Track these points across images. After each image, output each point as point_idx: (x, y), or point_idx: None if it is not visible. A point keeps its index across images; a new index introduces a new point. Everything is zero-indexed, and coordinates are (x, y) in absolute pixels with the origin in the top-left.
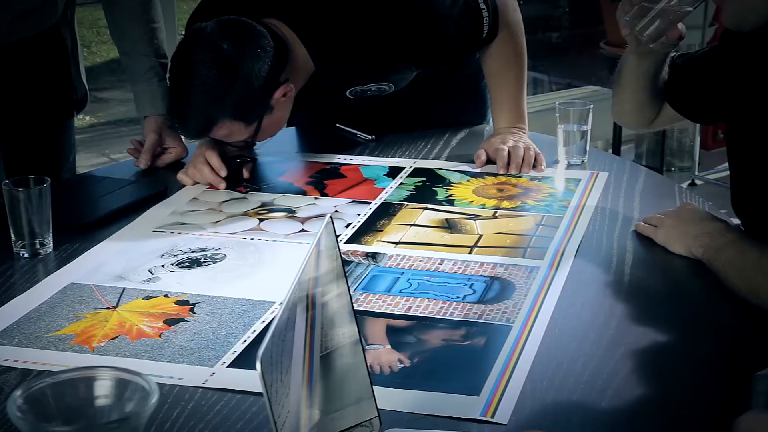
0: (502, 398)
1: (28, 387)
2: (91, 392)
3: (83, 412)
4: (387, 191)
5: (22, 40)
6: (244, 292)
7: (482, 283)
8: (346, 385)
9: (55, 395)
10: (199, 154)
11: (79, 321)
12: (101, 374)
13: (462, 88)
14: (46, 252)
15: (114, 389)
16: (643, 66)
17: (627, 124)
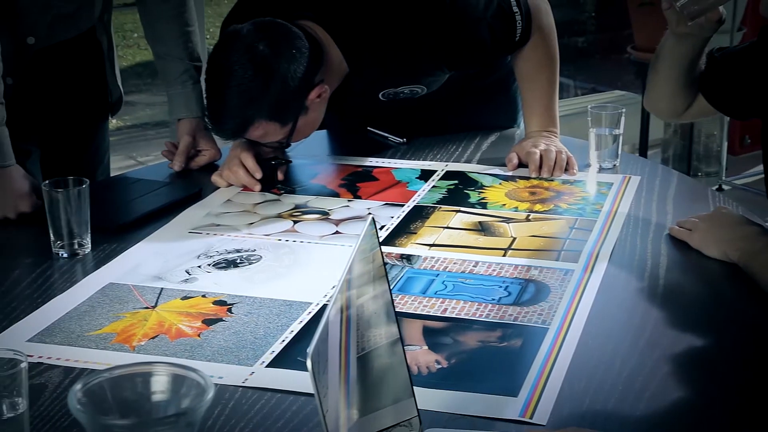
0: (541, 399)
1: (87, 381)
2: (147, 387)
3: (140, 407)
4: (419, 194)
5: (60, 44)
6: (280, 293)
7: (517, 285)
8: (383, 386)
9: (113, 389)
10: (234, 156)
11: (119, 320)
12: (158, 370)
13: (493, 92)
14: (84, 252)
15: (170, 385)
16: (681, 49)
17: (658, 113)
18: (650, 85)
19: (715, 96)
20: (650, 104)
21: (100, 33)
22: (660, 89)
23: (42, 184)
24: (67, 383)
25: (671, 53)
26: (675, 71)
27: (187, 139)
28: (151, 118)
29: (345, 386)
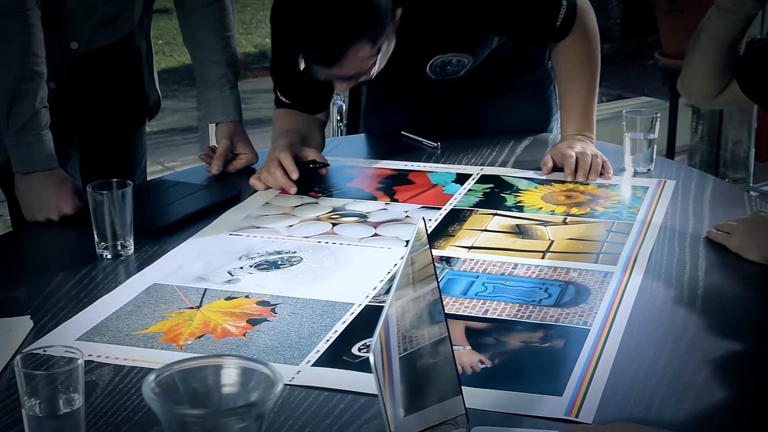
0: (585, 398)
1: (160, 372)
2: (217, 380)
3: (209, 399)
4: (456, 197)
5: (100, 49)
6: (322, 294)
7: (557, 287)
8: (429, 384)
9: (184, 381)
10: (273, 158)
11: (165, 320)
12: (227, 363)
13: (528, 94)
14: (127, 253)
15: (239, 378)
16: (723, 26)
17: (690, 95)
18: (686, 64)
19: (749, 85)
20: (683, 85)
21: (138, 38)
22: (696, 68)
23: (87, 186)
24: (117, 381)
25: (712, 30)
26: (713, 50)
27: (225, 142)
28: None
29: (389, 386)
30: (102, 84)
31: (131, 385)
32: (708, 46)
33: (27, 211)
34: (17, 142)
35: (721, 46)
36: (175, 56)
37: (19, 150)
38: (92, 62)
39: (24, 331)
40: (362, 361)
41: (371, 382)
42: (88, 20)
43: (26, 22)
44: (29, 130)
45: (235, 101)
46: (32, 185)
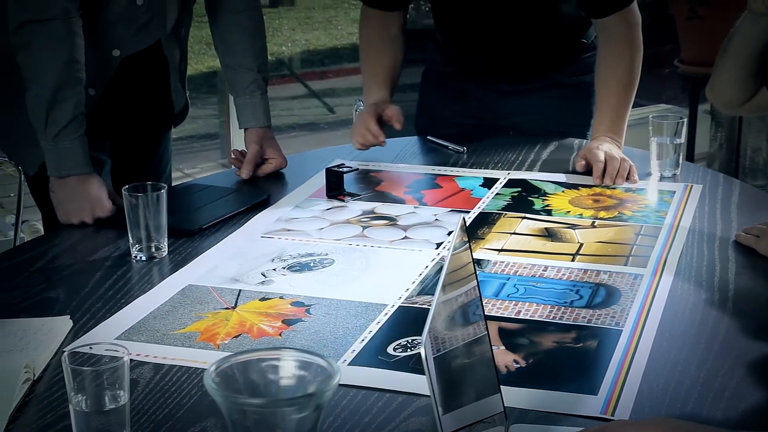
0: (620, 397)
1: (220, 364)
2: (276, 371)
3: (267, 390)
4: (484, 201)
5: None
6: (355, 295)
7: (588, 288)
8: (466, 383)
9: (243, 372)
10: (362, 123)
11: (201, 320)
12: (285, 355)
13: (573, 95)
14: (161, 255)
15: (297, 369)
16: (755, 31)
17: (717, 100)
18: (716, 70)
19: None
20: (712, 90)
21: (168, 45)
22: (725, 73)
23: (122, 189)
24: (158, 379)
25: (745, 34)
26: (744, 55)
27: (255, 147)
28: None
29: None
30: (131, 91)
31: (171, 383)
32: (739, 51)
33: (62, 215)
34: (53, 147)
35: (753, 51)
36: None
37: (55, 155)
38: (127, 68)
39: (64, 330)
40: (398, 361)
41: (407, 381)
42: (130, 27)
43: (69, 29)
44: (66, 136)
45: (264, 107)
46: (67, 189)
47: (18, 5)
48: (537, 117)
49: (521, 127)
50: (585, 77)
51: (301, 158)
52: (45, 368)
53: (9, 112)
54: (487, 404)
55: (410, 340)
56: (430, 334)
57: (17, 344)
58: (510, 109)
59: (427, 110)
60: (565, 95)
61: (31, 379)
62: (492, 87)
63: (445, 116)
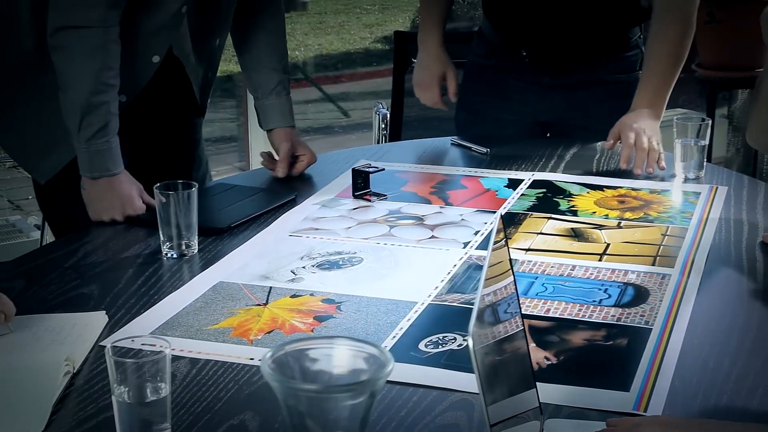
0: (653, 394)
1: (275, 352)
2: (329, 359)
3: (321, 377)
4: (509, 201)
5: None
6: (385, 293)
7: (616, 288)
8: (503, 378)
9: (297, 360)
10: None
11: (234, 316)
12: (338, 343)
13: (615, 93)
14: (191, 253)
15: (350, 358)
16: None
17: (759, 146)
18: (750, 115)
19: None
20: (750, 136)
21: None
22: (759, 120)
23: (154, 187)
24: (194, 373)
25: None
26: None
27: (287, 145)
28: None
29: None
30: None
31: (208, 377)
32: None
33: (93, 212)
34: (86, 149)
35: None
36: None
37: (88, 156)
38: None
39: (100, 325)
40: (429, 357)
41: (440, 377)
42: (172, 35)
43: (106, 37)
44: (98, 138)
45: (290, 107)
46: (99, 188)
47: (57, 10)
48: (577, 115)
49: (560, 124)
50: (627, 76)
51: (327, 158)
52: (83, 362)
53: (22, 122)
54: (522, 399)
55: (441, 336)
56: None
57: (56, 338)
58: (550, 105)
59: (466, 104)
60: (605, 94)
61: (71, 372)
62: (533, 80)
63: (485, 111)
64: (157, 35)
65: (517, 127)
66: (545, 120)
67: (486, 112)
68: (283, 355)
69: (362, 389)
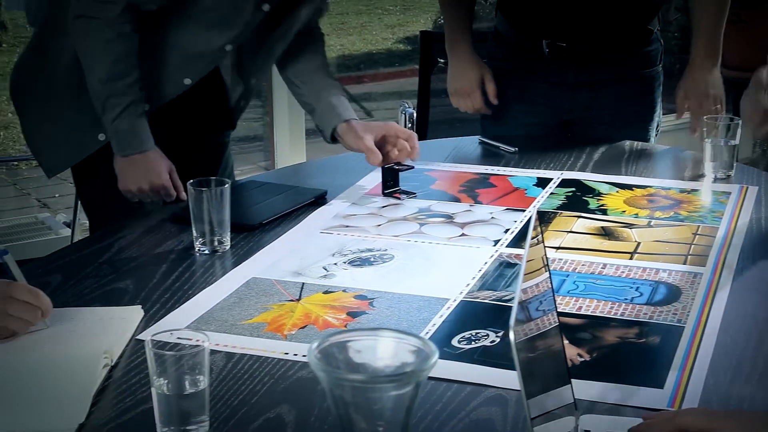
0: (687, 391)
1: (321, 343)
2: (374, 351)
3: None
4: (539, 200)
5: None
6: (417, 290)
7: (648, 286)
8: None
9: (341, 351)
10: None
11: (268, 311)
12: (382, 335)
13: (635, 91)
14: (223, 249)
15: (394, 349)
16: None
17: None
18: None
19: None
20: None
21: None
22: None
23: (187, 183)
24: (230, 366)
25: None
26: None
27: (370, 135)
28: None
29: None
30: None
31: (244, 371)
32: None
33: (121, 183)
34: (113, 129)
35: None
36: None
37: (116, 136)
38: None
39: (137, 319)
40: (463, 353)
41: (474, 373)
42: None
43: (119, 30)
44: (124, 119)
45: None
46: (128, 162)
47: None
48: (600, 113)
49: (582, 122)
50: (648, 71)
51: (355, 157)
52: (121, 355)
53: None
54: (558, 395)
55: (474, 333)
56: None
57: (94, 331)
58: (572, 104)
59: (489, 107)
60: (627, 90)
61: (109, 365)
62: (553, 79)
63: (507, 112)
64: (194, 62)
65: (541, 126)
66: (567, 118)
67: (509, 114)
68: (329, 346)
69: (407, 379)
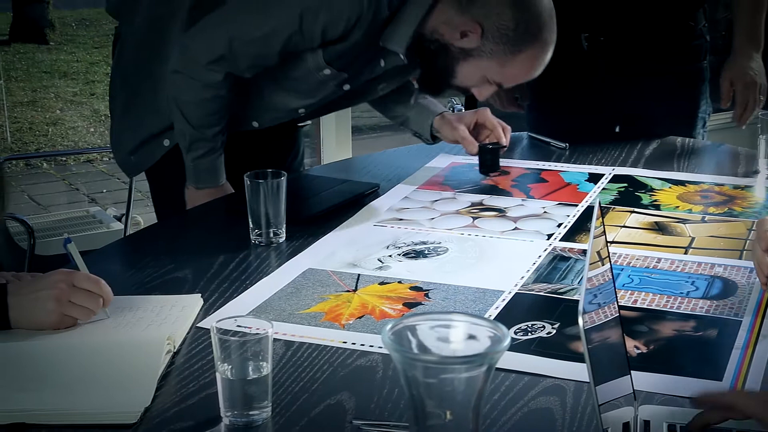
0: (745, 383)
1: (394, 325)
2: (446, 333)
3: (438, 350)
4: (591, 195)
5: None
6: (472, 282)
7: (704, 280)
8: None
9: (413, 334)
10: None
11: (325, 301)
12: (454, 318)
13: (680, 84)
14: (279, 241)
15: (467, 332)
16: None
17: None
18: None
19: None
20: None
21: None
22: None
23: (244, 176)
24: (290, 354)
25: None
26: None
27: (463, 123)
28: None
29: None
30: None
31: (303, 359)
32: None
33: (189, 206)
34: (193, 166)
35: None
36: None
37: (194, 171)
38: None
39: (196, 307)
40: (519, 344)
41: (531, 363)
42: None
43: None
44: (203, 158)
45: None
46: (199, 194)
47: (183, 56)
48: (640, 108)
49: (625, 117)
50: (690, 67)
51: (404, 152)
52: (182, 342)
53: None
54: (617, 385)
55: (530, 324)
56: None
57: (155, 319)
58: (612, 98)
59: (534, 105)
60: (668, 85)
61: (172, 351)
62: (595, 75)
63: (553, 109)
64: (267, 112)
65: (588, 122)
66: (614, 114)
67: (554, 111)
68: (402, 329)
69: (480, 361)
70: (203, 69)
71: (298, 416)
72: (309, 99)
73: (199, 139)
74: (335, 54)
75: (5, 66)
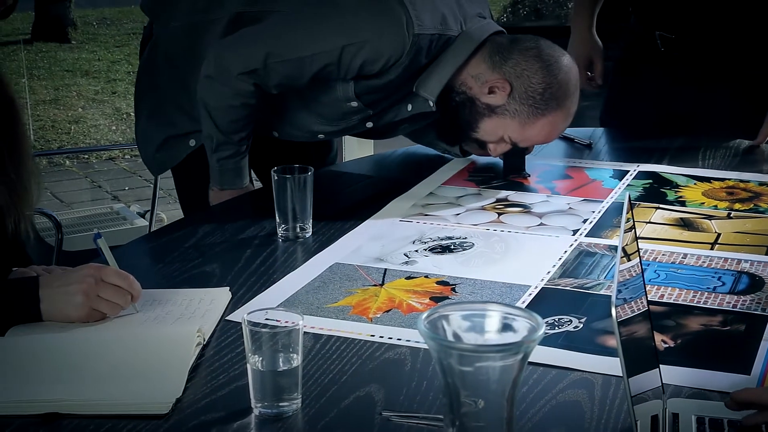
0: None
1: (430, 314)
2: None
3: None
4: (616, 191)
5: None
6: (498, 276)
7: (730, 276)
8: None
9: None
10: None
11: (352, 295)
12: (489, 307)
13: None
14: (305, 236)
15: (502, 322)
16: None
17: None
18: None
19: None
20: None
21: None
22: None
23: (271, 171)
24: (318, 347)
25: None
26: None
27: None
28: None
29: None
30: None
31: (332, 352)
32: None
33: (212, 203)
34: (218, 167)
35: None
36: None
37: (219, 172)
38: None
39: (225, 300)
40: (547, 338)
41: (558, 357)
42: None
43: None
44: (228, 160)
45: None
46: (223, 195)
47: (214, 63)
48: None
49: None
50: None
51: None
52: (211, 334)
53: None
54: (646, 378)
55: (557, 318)
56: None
57: (185, 312)
58: (682, 99)
59: (609, 101)
60: (737, 90)
61: (201, 344)
62: (665, 72)
63: (623, 106)
64: (288, 127)
65: (652, 119)
66: (678, 114)
67: (625, 108)
68: (437, 318)
69: (515, 349)
70: (235, 78)
71: (328, 407)
72: (330, 126)
73: (226, 143)
74: (366, 88)
75: (28, 65)
